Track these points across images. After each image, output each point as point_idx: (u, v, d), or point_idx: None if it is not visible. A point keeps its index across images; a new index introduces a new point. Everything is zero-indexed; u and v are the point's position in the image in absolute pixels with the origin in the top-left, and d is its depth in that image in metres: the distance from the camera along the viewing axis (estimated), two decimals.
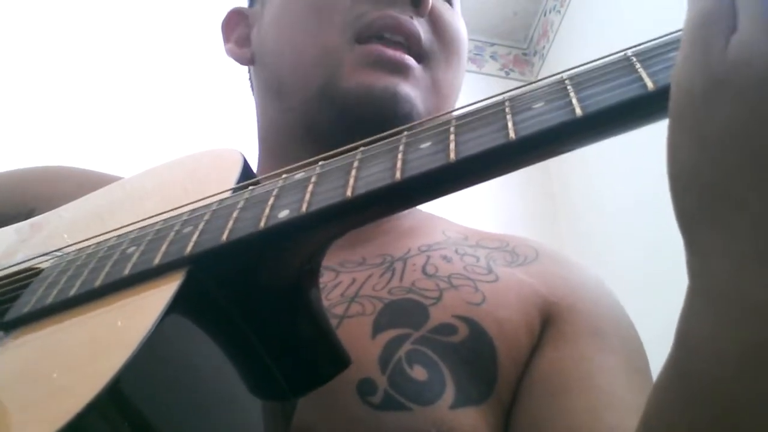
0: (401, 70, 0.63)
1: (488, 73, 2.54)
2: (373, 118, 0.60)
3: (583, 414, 0.51)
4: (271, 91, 0.71)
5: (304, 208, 0.37)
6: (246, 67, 0.77)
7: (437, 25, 0.68)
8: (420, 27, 0.65)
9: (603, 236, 2.14)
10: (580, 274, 0.64)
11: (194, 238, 0.40)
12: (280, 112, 0.69)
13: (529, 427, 0.52)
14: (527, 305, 0.58)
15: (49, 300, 0.41)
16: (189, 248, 0.39)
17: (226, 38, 0.77)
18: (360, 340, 0.52)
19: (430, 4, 0.65)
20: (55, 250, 0.49)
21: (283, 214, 0.38)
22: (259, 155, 0.73)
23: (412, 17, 0.65)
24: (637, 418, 0.51)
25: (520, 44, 2.69)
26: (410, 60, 0.64)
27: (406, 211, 0.70)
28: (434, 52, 0.66)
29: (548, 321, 0.58)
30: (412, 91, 0.63)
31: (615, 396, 0.53)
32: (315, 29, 0.65)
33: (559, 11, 2.50)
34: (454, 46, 0.69)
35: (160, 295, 0.37)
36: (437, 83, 0.66)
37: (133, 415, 0.33)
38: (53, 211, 0.62)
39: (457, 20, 0.71)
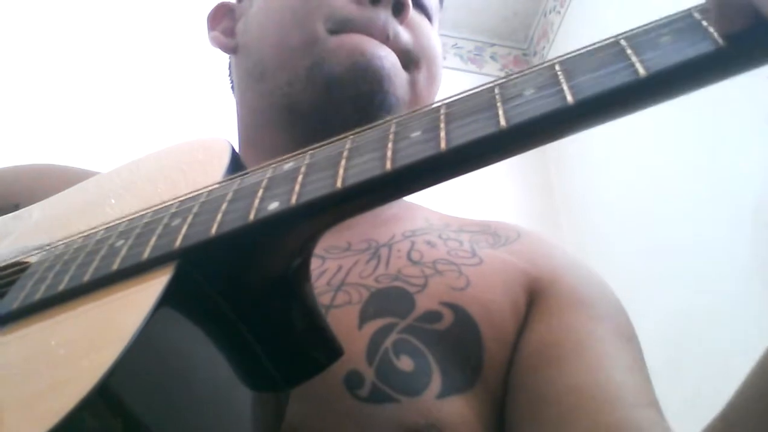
0: (384, 41, 0.64)
1: (488, 73, 2.54)
2: (358, 92, 0.63)
3: (583, 374, 0.52)
4: (253, 77, 0.71)
5: (293, 200, 0.37)
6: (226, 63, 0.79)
7: (416, 34, 0.69)
8: (400, 31, 0.67)
9: (602, 228, 2.15)
10: (562, 252, 0.65)
11: (183, 231, 0.39)
12: (261, 96, 0.70)
13: (530, 400, 0.52)
14: (512, 285, 0.58)
15: (38, 296, 0.41)
16: (178, 242, 0.38)
17: (211, 28, 0.78)
18: (347, 330, 0.52)
19: (410, 12, 0.66)
20: (45, 245, 0.49)
21: (273, 206, 0.37)
22: (239, 147, 0.73)
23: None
24: (634, 376, 0.52)
25: (520, 44, 2.69)
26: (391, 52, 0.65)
27: None
28: (416, 60, 0.68)
29: (533, 297, 0.58)
30: (390, 55, 0.64)
31: (609, 357, 0.54)
32: (301, 16, 0.67)
33: (559, 11, 2.50)
34: (432, 59, 0.70)
35: (149, 290, 0.36)
36: (416, 84, 0.68)
37: (126, 412, 0.32)
38: (38, 203, 0.61)
39: (435, 36, 0.72)
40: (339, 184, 0.36)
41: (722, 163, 1.67)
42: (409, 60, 0.67)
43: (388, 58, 0.64)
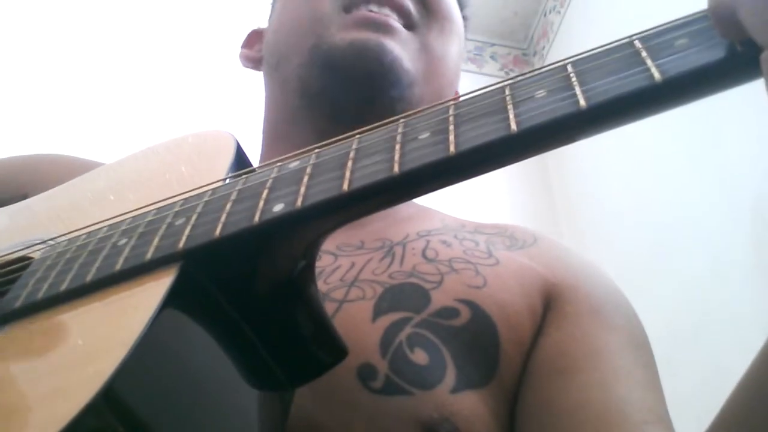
0: (386, 29, 0.65)
1: (488, 73, 2.53)
2: (358, 68, 0.64)
3: (594, 389, 0.51)
4: (272, 67, 0.73)
5: (299, 202, 0.36)
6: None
7: (427, 1, 0.70)
8: (409, 1, 0.68)
9: (601, 228, 2.14)
10: (578, 258, 0.64)
11: (187, 231, 0.39)
12: (280, 86, 0.71)
13: (540, 407, 0.52)
14: (528, 288, 0.58)
15: (40, 295, 0.40)
16: (182, 243, 0.38)
17: (243, 48, 0.82)
18: (360, 324, 0.52)
19: None
20: (48, 239, 0.48)
21: (278, 208, 0.37)
22: (262, 144, 0.74)
23: None
24: (645, 391, 0.52)
25: (520, 44, 2.69)
26: (395, 23, 0.66)
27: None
28: (424, 22, 0.69)
29: (550, 302, 0.58)
30: (396, 46, 0.65)
31: (622, 370, 0.53)
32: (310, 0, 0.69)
33: (559, 11, 2.49)
34: (446, 18, 0.71)
35: (153, 292, 0.36)
36: (428, 45, 0.68)
37: (131, 416, 0.32)
38: (43, 194, 0.61)
39: None
40: (345, 186, 0.35)
41: (722, 162, 1.66)
42: (416, 25, 0.68)
43: (388, 46, 0.64)
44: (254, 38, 0.81)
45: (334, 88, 0.65)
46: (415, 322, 0.52)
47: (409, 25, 0.68)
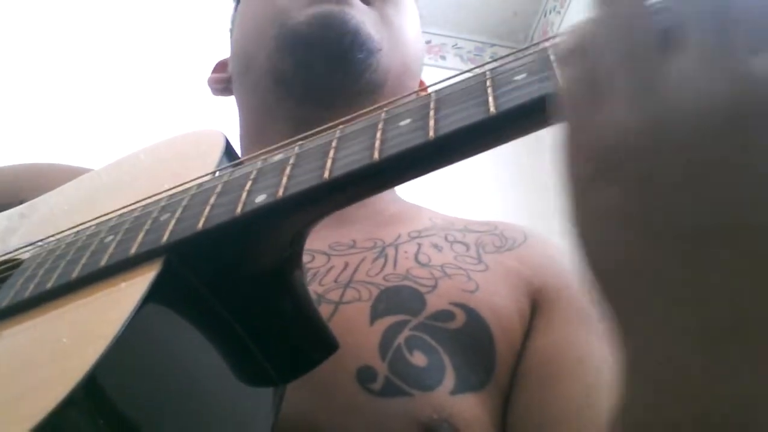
0: (345, 1, 0.66)
1: None
2: (325, 36, 0.64)
3: (577, 398, 0.51)
4: (241, 75, 0.73)
5: (280, 193, 0.36)
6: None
7: None
8: None
9: None
10: (567, 259, 0.63)
11: (170, 226, 0.39)
12: (253, 88, 0.71)
13: (526, 414, 0.52)
14: (517, 292, 0.58)
15: (27, 293, 0.41)
16: (165, 237, 0.38)
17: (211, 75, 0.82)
18: (358, 326, 0.52)
19: None
20: (38, 241, 0.48)
21: (260, 198, 0.37)
22: (242, 153, 0.74)
23: None
24: None
25: (520, 45, 2.68)
26: None
27: (392, 198, 0.71)
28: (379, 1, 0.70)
29: (536, 307, 0.58)
30: (357, 13, 0.66)
31: (607, 377, 0.52)
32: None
33: (559, 12, 2.49)
34: None
35: (136, 286, 0.36)
36: (386, 17, 0.69)
37: (112, 409, 0.32)
38: (39, 198, 0.61)
39: None
40: (326, 175, 0.35)
41: None
42: (372, 1, 0.69)
43: (349, 12, 0.65)
44: (221, 66, 0.82)
45: (306, 61, 0.65)
46: (413, 324, 0.52)
47: (365, 1, 0.68)
